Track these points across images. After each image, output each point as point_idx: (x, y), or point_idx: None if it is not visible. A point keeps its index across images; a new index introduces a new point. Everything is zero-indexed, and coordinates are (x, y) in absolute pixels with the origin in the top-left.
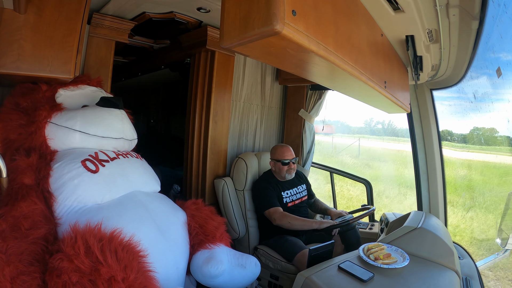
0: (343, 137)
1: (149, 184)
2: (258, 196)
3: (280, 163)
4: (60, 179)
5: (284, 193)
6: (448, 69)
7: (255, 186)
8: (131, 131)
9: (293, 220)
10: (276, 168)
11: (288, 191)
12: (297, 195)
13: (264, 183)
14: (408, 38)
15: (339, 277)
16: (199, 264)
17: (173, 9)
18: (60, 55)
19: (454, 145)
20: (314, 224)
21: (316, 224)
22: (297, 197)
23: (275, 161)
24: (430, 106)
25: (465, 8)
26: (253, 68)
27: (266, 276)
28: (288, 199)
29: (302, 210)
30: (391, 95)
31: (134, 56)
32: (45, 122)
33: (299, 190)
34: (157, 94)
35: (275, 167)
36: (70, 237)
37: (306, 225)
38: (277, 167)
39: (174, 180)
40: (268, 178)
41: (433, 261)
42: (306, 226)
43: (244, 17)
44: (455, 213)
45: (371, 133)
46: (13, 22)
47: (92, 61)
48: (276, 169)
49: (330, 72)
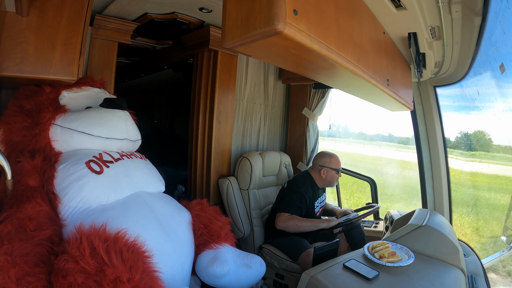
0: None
1: (154, 184)
2: (290, 195)
3: (335, 172)
4: (65, 181)
5: (316, 202)
6: (452, 66)
7: (295, 184)
8: (135, 132)
9: (300, 221)
10: (327, 176)
11: (319, 199)
12: (322, 203)
13: (303, 188)
14: (411, 35)
15: (344, 276)
16: (204, 264)
17: (175, 9)
18: (63, 57)
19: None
20: (321, 223)
21: (324, 223)
22: (321, 205)
23: (330, 169)
24: (434, 103)
25: (467, 4)
26: (256, 68)
27: (271, 275)
28: (317, 208)
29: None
30: (394, 93)
31: (137, 57)
32: (49, 124)
33: (323, 198)
34: (161, 94)
35: (326, 175)
36: (75, 238)
37: (313, 226)
38: (330, 175)
39: (178, 180)
40: (308, 183)
41: (438, 258)
42: (314, 226)
43: (245, 17)
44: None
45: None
46: (16, 25)
47: (95, 63)
48: (327, 177)
49: (333, 71)
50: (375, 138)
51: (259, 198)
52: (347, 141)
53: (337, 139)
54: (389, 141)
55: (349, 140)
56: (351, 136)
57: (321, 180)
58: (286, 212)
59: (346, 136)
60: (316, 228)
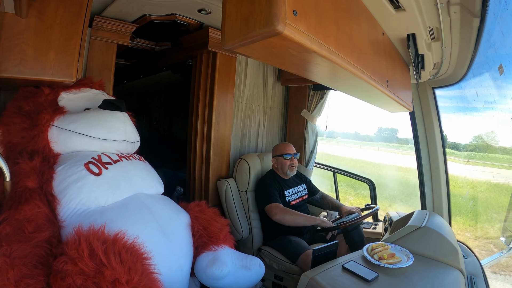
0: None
1: (152, 186)
2: (260, 192)
3: (282, 158)
4: (64, 182)
5: (287, 192)
6: (450, 67)
7: (259, 183)
8: (134, 134)
9: (295, 214)
10: (278, 164)
11: (290, 190)
12: (298, 194)
13: (267, 180)
14: (410, 36)
15: (343, 277)
16: (203, 266)
17: (174, 11)
18: (62, 59)
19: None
20: (317, 219)
21: (318, 221)
22: (298, 196)
23: (277, 156)
24: (433, 105)
25: (466, 6)
26: (255, 69)
27: (270, 277)
28: (291, 197)
29: (303, 209)
30: (393, 94)
31: (136, 59)
32: (47, 126)
33: (299, 189)
34: (159, 96)
35: (277, 163)
36: (74, 240)
37: (308, 220)
38: (279, 163)
39: (177, 182)
40: (271, 176)
41: (438, 260)
42: (309, 221)
43: (245, 18)
44: None
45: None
46: (15, 26)
47: (94, 64)
48: (278, 165)
49: (332, 72)
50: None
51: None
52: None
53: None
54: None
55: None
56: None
57: (278, 171)
58: (272, 203)
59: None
60: (311, 223)
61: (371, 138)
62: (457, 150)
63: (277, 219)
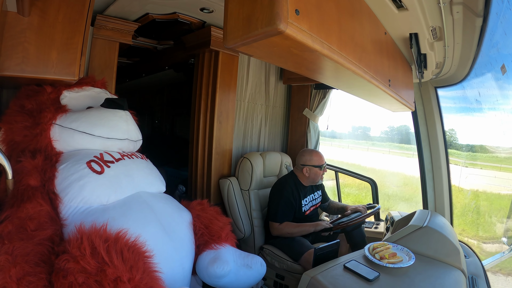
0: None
1: (154, 184)
2: (275, 202)
3: (318, 169)
4: (66, 180)
5: (304, 201)
6: (453, 67)
7: (278, 189)
8: (136, 132)
9: (292, 229)
10: (311, 174)
11: (307, 198)
12: (313, 202)
13: (287, 191)
14: (412, 36)
15: (344, 277)
16: (205, 264)
17: (176, 10)
18: (64, 57)
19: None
20: (311, 228)
21: (312, 227)
22: (313, 204)
23: (312, 166)
24: (435, 104)
25: (468, 5)
26: (257, 68)
27: (271, 275)
28: (306, 207)
29: (314, 217)
30: (395, 93)
31: (138, 57)
32: (50, 124)
33: (315, 196)
34: (162, 94)
35: (309, 172)
36: (76, 238)
37: (304, 231)
38: (313, 173)
39: (179, 180)
40: (293, 184)
41: (439, 260)
42: (305, 231)
43: (247, 17)
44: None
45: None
46: (17, 24)
47: (96, 63)
48: (311, 174)
49: (334, 71)
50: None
51: (259, 198)
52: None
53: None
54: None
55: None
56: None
57: (306, 179)
58: (275, 222)
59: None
60: (307, 233)
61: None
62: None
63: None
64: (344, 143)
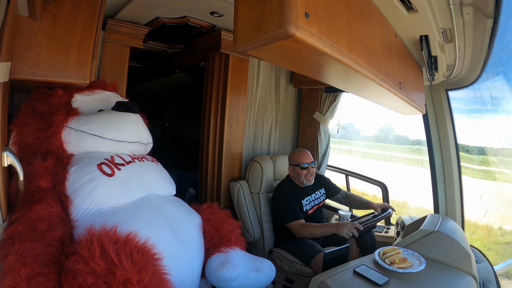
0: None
1: (164, 187)
2: (281, 206)
3: (298, 168)
4: (77, 182)
5: (304, 201)
6: (464, 69)
7: (277, 194)
8: (147, 135)
9: (312, 229)
10: (294, 174)
11: (308, 198)
12: (315, 201)
13: (285, 192)
14: (422, 38)
15: (354, 281)
16: (214, 267)
17: (187, 14)
18: (76, 61)
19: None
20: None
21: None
22: (315, 203)
23: (293, 166)
24: (446, 107)
25: (479, 7)
26: (268, 71)
27: (281, 279)
28: (308, 206)
29: (320, 216)
30: (406, 96)
31: (149, 61)
32: (61, 127)
33: (317, 195)
34: (172, 98)
35: (293, 172)
36: (86, 240)
37: (326, 232)
38: (296, 172)
39: (189, 183)
40: (289, 186)
41: (450, 265)
42: (327, 232)
43: (257, 21)
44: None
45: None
46: (29, 29)
47: (108, 66)
48: (294, 174)
49: (344, 74)
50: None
51: (269, 202)
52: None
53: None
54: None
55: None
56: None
57: (295, 179)
58: (292, 222)
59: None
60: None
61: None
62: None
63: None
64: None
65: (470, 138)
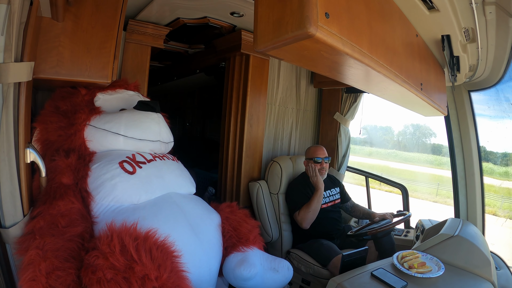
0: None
1: (185, 186)
2: (289, 196)
3: (312, 161)
4: (98, 179)
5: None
6: (487, 69)
7: (289, 187)
8: (168, 134)
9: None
10: (308, 167)
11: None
12: (330, 198)
13: (298, 185)
14: (444, 38)
15: (371, 285)
16: (231, 266)
17: (207, 14)
18: (98, 61)
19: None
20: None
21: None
22: (330, 200)
23: (308, 159)
24: (468, 109)
25: (501, 5)
26: (288, 72)
27: (297, 280)
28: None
29: (336, 214)
30: (427, 97)
31: (169, 61)
32: (84, 125)
33: (332, 192)
34: (193, 97)
35: (308, 166)
36: (106, 236)
37: (316, 200)
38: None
39: (209, 182)
40: (302, 180)
41: (469, 271)
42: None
43: (277, 21)
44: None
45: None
46: (52, 29)
47: (129, 66)
48: (308, 168)
49: (365, 75)
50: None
51: None
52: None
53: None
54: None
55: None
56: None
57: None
58: (295, 211)
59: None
60: (320, 198)
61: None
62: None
63: (305, 226)
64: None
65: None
